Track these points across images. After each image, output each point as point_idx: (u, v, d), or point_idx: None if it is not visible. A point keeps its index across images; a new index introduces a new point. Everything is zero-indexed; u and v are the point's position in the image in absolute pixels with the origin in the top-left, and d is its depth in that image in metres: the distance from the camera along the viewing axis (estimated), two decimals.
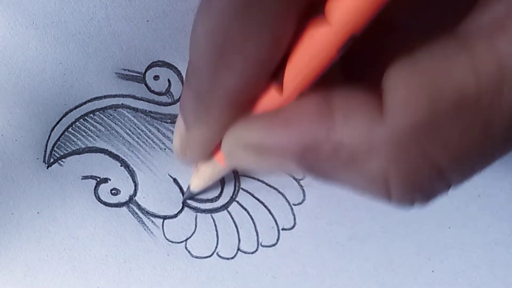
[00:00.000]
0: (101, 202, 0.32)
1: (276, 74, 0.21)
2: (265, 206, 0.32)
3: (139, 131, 0.31)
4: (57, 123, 0.31)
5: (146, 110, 0.31)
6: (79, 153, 0.31)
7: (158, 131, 0.31)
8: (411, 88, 0.18)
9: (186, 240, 0.32)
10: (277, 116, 0.21)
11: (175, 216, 0.32)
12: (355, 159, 0.19)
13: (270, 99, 0.22)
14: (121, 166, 0.32)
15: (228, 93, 0.22)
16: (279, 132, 0.21)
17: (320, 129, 0.20)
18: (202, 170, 0.29)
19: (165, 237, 0.32)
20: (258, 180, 0.32)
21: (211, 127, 0.24)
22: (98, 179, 0.32)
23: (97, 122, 0.31)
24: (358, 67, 0.23)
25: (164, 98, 0.31)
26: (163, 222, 0.32)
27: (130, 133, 0.31)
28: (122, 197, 0.32)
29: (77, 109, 0.31)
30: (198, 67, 0.22)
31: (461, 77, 0.17)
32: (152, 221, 0.32)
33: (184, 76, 0.31)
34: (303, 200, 0.32)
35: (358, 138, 0.19)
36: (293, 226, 0.32)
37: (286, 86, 0.21)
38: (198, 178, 0.30)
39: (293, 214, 0.32)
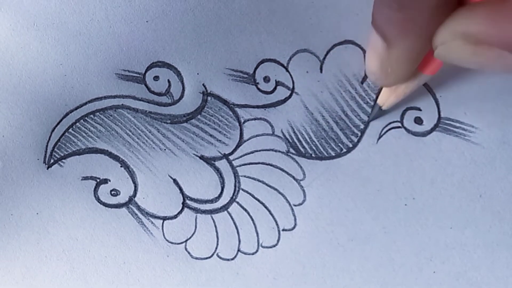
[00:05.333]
0: (100, 203, 0.32)
1: None
2: (266, 207, 0.32)
3: (139, 131, 0.31)
4: (58, 123, 0.31)
5: (146, 111, 0.31)
6: (79, 154, 0.31)
7: (158, 132, 0.31)
8: None
9: (186, 241, 0.32)
10: (504, 7, 0.20)
11: (175, 217, 0.32)
12: None
13: None
14: (121, 166, 0.32)
15: None
16: (505, 23, 0.20)
17: None
18: (402, 87, 0.28)
19: (165, 238, 0.32)
20: (259, 180, 0.32)
21: (418, 37, 0.23)
22: (98, 180, 0.31)
23: (97, 123, 0.31)
24: None
25: (164, 99, 0.31)
26: (163, 223, 0.32)
27: (130, 133, 0.31)
28: (122, 198, 0.32)
29: (78, 110, 0.31)
30: None
31: None
32: (152, 222, 0.32)
33: (184, 77, 0.31)
34: (304, 200, 0.31)
35: None
36: (294, 227, 0.32)
37: None
38: (396, 96, 0.28)
39: (294, 215, 0.32)
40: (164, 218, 0.32)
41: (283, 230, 0.32)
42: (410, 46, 0.24)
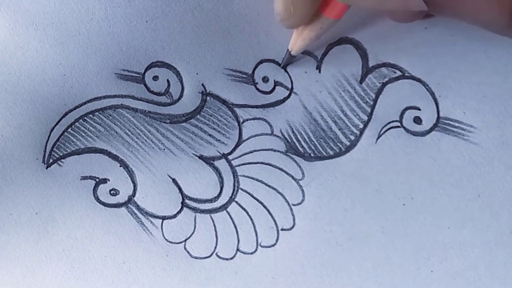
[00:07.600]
0: (100, 203, 0.32)
1: None
2: (264, 207, 0.32)
3: (139, 131, 0.31)
4: (57, 123, 0.31)
5: (145, 111, 0.31)
6: (78, 154, 0.31)
7: (158, 131, 0.31)
8: None
9: (185, 240, 0.32)
10: None
11: (174, 216, 0.32)
12: None
13: None
14: (120, 166, 0.32)
15: None
16: None
17: None
18: (307, 30, 0.28)
19: (164, 237, 0.32)
20: (258, 180, 0.32)
21: None
22: (97, 180, 0.32)
23: (97, 123, 0.31)
24: None
25: (163, 99, 0.31)
26: (162, 223, 0.32)
27: (130, 133, 0.31)
28: (121, 197, 0.32)
29: (77, 109, 0.31)
30: None
31: None
32: (151, 222, 0.32)
33: (183, 77, 0.31)
34: (303, 200, 0.32)
35: None
36: (293, 227, 0.32)
37: None
38: (302, 39, 0.29)
39: (293, 215, 0.32)
40: (164, 218, 0.32)
41: (282, 229, 0.32)
42: None
